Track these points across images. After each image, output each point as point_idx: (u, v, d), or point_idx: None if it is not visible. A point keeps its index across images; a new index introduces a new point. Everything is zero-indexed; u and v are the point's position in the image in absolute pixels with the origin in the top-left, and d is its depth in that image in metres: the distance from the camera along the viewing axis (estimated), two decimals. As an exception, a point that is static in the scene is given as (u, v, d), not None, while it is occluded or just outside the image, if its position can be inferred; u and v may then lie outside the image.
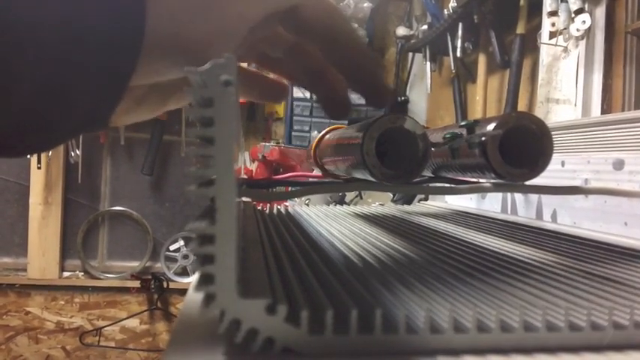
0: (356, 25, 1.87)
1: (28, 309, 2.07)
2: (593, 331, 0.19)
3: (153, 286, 2.06)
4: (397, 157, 0.30)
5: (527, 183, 0.31)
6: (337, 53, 0.29)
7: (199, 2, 0.24)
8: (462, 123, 0.31)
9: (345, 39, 0.29)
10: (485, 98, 1.32)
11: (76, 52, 0.20)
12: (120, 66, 0.22)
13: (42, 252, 2.05)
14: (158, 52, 0.23)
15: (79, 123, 0.23)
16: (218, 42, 0.24)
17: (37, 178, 2.04)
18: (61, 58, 0.20)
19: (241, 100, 0.37)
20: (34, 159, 2.00)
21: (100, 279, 2.11)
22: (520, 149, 0.29)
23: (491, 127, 0.29)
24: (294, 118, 2.03)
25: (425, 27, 1.67)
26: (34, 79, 0.20)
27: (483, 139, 0.29)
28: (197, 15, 0.24)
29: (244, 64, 0.37)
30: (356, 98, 0.32)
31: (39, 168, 2.02)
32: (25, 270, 2.06)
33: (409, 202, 1.03)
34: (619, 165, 0.45)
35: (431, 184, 0.36)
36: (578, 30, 0.91)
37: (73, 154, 2.01)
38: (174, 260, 2.13)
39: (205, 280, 0.17)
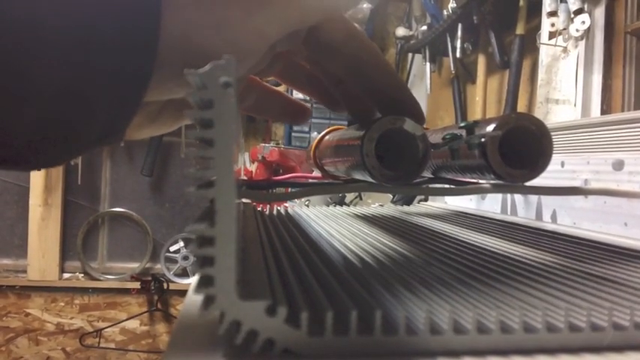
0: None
1: (28, 310, 2.07)
2: (593, 332, 0.19)
3: (153, 288, 2.06)
4: (397, 158, 0.30)
5: (527, 184, 0.31)
6: (364, 78, 0.29)
7: (216, 15, 0.23)
8: (462, 124, 0.31)
9: (372, 63, 0.28)
10: (485, 99, 1.32)
11: (80, 55, 0.20)
12: (135, 71, 0.21)
13: (42, 253, 2.05)
14: (170, 62, 0.22)
15: (95, 133, 0.22)
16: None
17: (36, 180, 2.04)
18: (66, 60, 0.20)
19: (257, 116, 0.36)
20: (33, 160, 2.00)
21: (100, 280, 2.12)
22: (520, 150, 0.29)
23: (490, 127, 0.29)
24: (294, 119, 2.03)
25: (424, 27, 1.67)
26: (35, 80, 0.20)
27: (483, 140, 0.29)
28: (212, 27, 0.23)
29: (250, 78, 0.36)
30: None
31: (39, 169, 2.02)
32: (25, 271, 2.06)
33: (409, 202, 1.02)
34: (619, 165, 0.45)
35: (430, 185, 0.36)
36: (577, 30, 0.91)
37: (72, 155, 2.01)
38: (174, 261, 2.13)
39: (205, 282, 0.17)
